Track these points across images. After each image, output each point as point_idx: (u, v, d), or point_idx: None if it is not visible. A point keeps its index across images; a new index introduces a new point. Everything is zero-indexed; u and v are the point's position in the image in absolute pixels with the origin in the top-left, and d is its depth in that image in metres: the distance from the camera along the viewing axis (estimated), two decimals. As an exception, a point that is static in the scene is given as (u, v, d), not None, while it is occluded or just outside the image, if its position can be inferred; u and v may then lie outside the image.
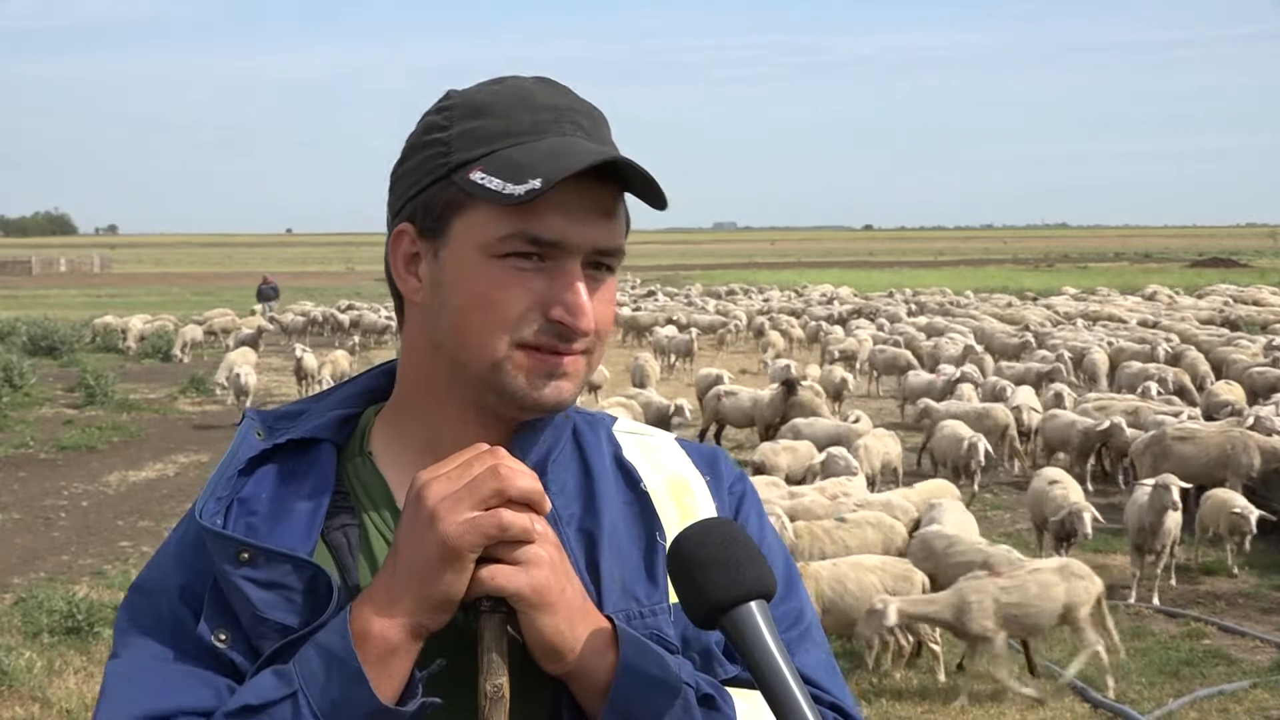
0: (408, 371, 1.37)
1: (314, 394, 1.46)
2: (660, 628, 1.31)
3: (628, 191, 1.30)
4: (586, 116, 1.32)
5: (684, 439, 1.50)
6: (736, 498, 1.44)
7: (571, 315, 1.25)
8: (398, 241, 1.33)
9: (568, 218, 1.25)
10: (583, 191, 1.24)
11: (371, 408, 1.41)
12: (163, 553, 1.34)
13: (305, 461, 1.32)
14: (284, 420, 1.37)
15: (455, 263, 1.27)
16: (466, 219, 1.26)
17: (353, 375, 1.48)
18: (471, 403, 1.31)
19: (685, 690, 1.23)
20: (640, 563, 1.34)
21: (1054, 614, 7.46)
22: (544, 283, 1.26)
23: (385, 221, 1.37)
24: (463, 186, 1.26)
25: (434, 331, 1.31)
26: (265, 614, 1.23)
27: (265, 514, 1.28)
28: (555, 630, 1.20)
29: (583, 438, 1.40)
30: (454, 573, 1.17)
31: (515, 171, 1.23)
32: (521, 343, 1.26)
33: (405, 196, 1.32)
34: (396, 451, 1.35)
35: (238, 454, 1.32)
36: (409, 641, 1.18)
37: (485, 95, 1.31)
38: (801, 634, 1.41)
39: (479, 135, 1.28)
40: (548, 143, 1.26)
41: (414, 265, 1.32)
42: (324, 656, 1.17)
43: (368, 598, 1.20)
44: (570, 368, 1.28)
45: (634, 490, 1.38)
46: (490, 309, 1.25)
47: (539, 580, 1.19)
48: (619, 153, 1.28)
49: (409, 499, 1.21)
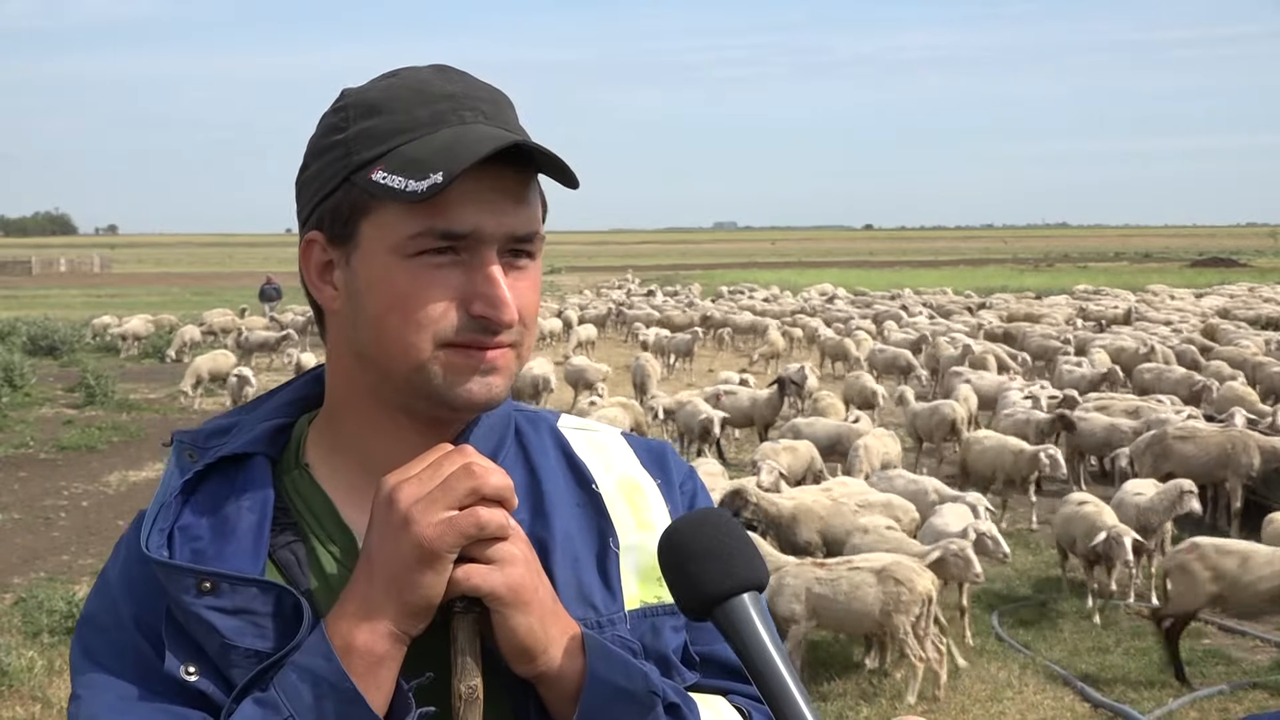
0: (336, 382, 1.33)
1: (244, 404, 1.41)
2: (620, 635, 1.29)
3: (540, 172, 1.26)
4: (487, 102, 1.27)
5: (629, 433, 1.47)
6: (689, 497, 1.42)
7: (493, 308, 1.21)
8: (308, 251, 1.29)
9: (478, 207, 1.21)
10: (490, 178, 1.20)
11: (305, 416, 1.36)
12: (106, 584, 1.28)
13: (241, 478, 1.28)
14: (215, 437, 1.32)
15: (368, 267, 1.23)
16: (374, 221, 1.23)
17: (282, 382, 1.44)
18: (402, 409, 1.27)
19: (652, 700, 1.22)
20: (595, 569, 1.31)
21: (865, 616, 7.31)
22: (461, 277, 1.22)
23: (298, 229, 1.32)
24: (365, 188, 1.22)
25: (355, 340, 1.27)
26: (234, 642, 1.18)
27: (210, 538, 1.23)
28: (529, 630, 1.18)
29: (525, 438, 1.37)
30: (434, 574, 1.15)
31: (415, 167, 1.19)
32: (445, 342, 1.22)
33: (311, 204, 1.28)
34: (333, 463, 1.31)
35: (171, 480, 1.28)
36: (394, 650, 1.16)
37: (379, 91, 1.27)
38: None
39: (376, 133, 1.24)
40: (445, 133, 1.22)
41: (328, 274, 1.28)
42: (310, 679, 1.13)
43: (343, 611, 1.17)
44: (498, 361, 1.24)
45: (585, 490, 1.35)
46: (408, 311, 1.21)
47: (514, 579, 1.17)
48: (520, 136, 1.24)
49: (378, 504, 1.18)
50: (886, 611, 7.17)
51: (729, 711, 1.34)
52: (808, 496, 9.34)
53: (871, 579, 7.24)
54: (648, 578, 1.33)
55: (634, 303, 35.87)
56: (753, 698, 1.36)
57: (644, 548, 1.33)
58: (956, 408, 14.13)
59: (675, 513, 1.37)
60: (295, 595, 1.20)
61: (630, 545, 1.33)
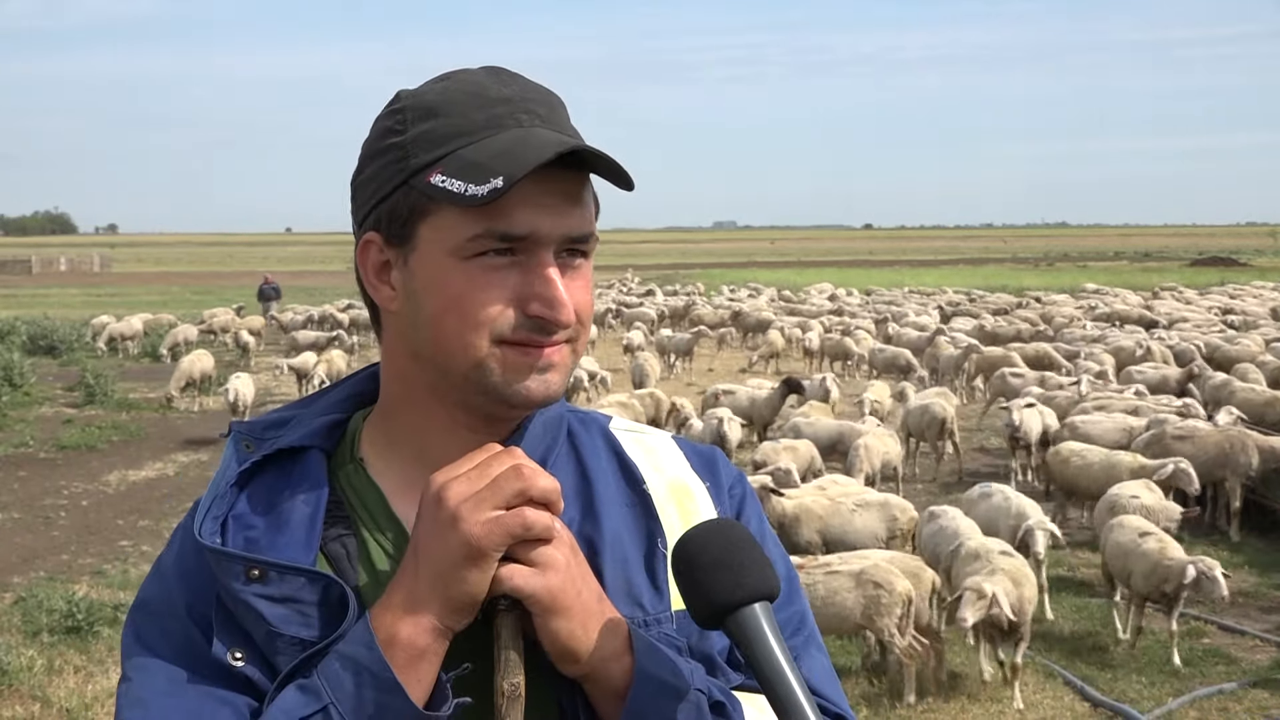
0: (392, 379, 1.35)
1: (300, 399, 1.44)
2: (666, 633, 1.30)
3: (593, 174, 1.27)
4: (542, 104, 1.29)
5: (680, 437, 1.49)
6: (737, 501, 1.43)
7: (550, 309, 1.23)
8: (366, 251, 1.31)
9: (535, 210, 1.22)
10: (547, 181, 1.22)
11: (360, 412, 1.39)
12: (161, 570, 1.31)
13: (297, 471, 1.30)
14: (271, 429, 1.34)
15: (426, 268, 1.25)
16: (432, 223, 1.24)
17: (344, 376, 1.47)
18: (459, 406, 1.29)
19: (699, 697, 1.23)
20: (643, 569, 1.33)
21: (845, 619, 7.15)
22: (518, 277, 1.24)
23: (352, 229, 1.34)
24: (424, 191, 1.23)
25: (413, 339, 1.29)
26: (280, 629, 1.21)
27: (263, 527, 1.26)
28: (569, 634, 1.19)
29: (577, 438, 1.39)
30: (479, 572, 1.16)
31: (475, 171, 1.20)
32: (501, 339, 1.24)
33: (368, 205, 1.30)
34: (387, 458, 1.34)
35: (228, 469, 1.30)
36: (436, 644, 1.18)
37: (436, 94, 1.28)
38: (805, 640, 1.41)
39: (434, 137, 1.25)
40: (504, 137, 1.23)
41: (385, 274, 1.30)
42: (352, 668, 1.16)
43: (388, 604, 1.19)
44: (555, 358, 1.26)
45: (635, 491, 1.36)
46: (466, 311, 1.23)
47: (554, 584, 1.19)
48: (577, 140, 1.26)
49: (426, 501, 1.20)
50: (868, 615, 7.08)
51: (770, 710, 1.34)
52: (805, 496, 9.34)
53: (850, 583, 7.12)
54: None
55: (643, 301, 35.85)
56: None
57: None
58: (946, 407, 14.08)
59: (723, 515, 1.39)
60: (342, 586, 1.22)
61: None
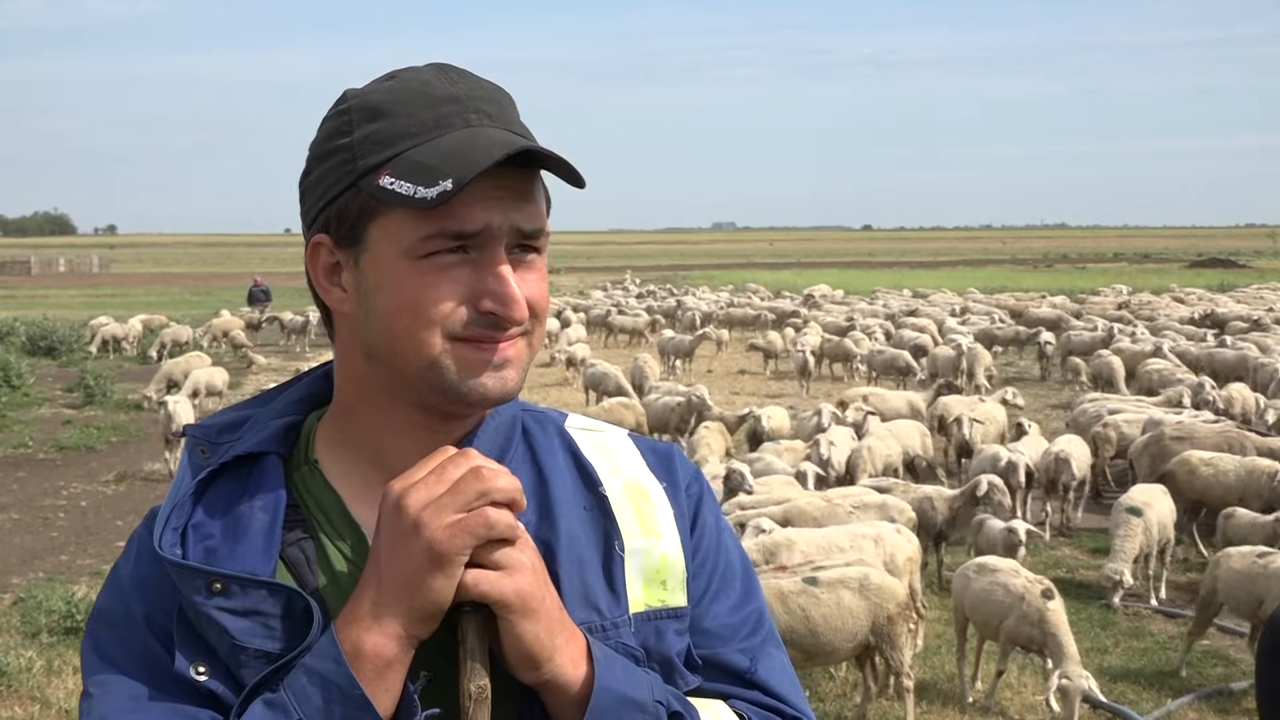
0: (346, 380, 1.33)
1: (254, 397, 1.41)
2: (623, 640, 1.29)
3: (544, 169, 1.27)
4: (490, 102, 1.28)
5: (636, 435, 1.47)
6: (694, 500, 1.42)
7: (503, 305, 1.23)
8: (315, 253, 1.29)
9: (487, 207, 1.22)
10: (498, 178, 1.21)
11: (314, 413, 1.37)
12: (118, 581, 1.29)
13: (254, 478, 1.28)
14: (227, 432, 1.32)
15: (378, 269, 1.24)
16: (383, 224, 1.23)
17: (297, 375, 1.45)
18: (415, 406, 1.28)
19: (658, 709, 1.23)
20: (600, 573, 1.31)
21: (854, 636, 6.75)
22: (471, 275, 1.23)
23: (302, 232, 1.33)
24: (373, 193, 1.22)
25: (366, 340, 1.28)
26: (244, 643, 1.19)
27: (222, 537, 1.24)
28: (535, 638, 1.19)
29: (533, 438, 1.37)
30: (444, 578, 1.16)
31: (424, 173, 1.19)
32: (454, 336, 1.23)
33: (317, 207, 1.28)
34: (343, 461, 1.32)
35: (185, 478, 1.29)
36: (402, 654, 1.17)
37: (382, 94, 1.27)
38: (764, 638, 1.41)
39: (381, 138, 1.24)
40: (452, 137, 1.23)
41: (335, 275, 1.29)
42: (319, 683, 1.15)
43: (353, 615, 1.18)
44: (510, 354, 1.26)
45: (592, 493, 1.35)
46: (419, 309, 1.22)
47: (522, 586, 1.18)
48: (527, 138, 1.26)
49: (385, 509, 1.19)
50: (878, 628, 6.78)
51: (728, 716, 1.34)
52: (801, 499, 9.33)
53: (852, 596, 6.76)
54: (651, 581, 1.33)
55: (638, 307, 35.70)
56: (753, 703, 1.36)
57: (649, 552, 1.34)
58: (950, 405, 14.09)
59: (681, 516, 1.38)
60: (305, 598, 1.21)
61: (635, 549, 1.33)
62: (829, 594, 6.76)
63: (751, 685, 1.37)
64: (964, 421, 12.97)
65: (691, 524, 1.39)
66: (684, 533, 1.37)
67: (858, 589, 6.78)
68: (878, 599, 6.76)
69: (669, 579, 1.34)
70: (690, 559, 1.37)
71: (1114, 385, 18.62)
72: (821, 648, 6.76)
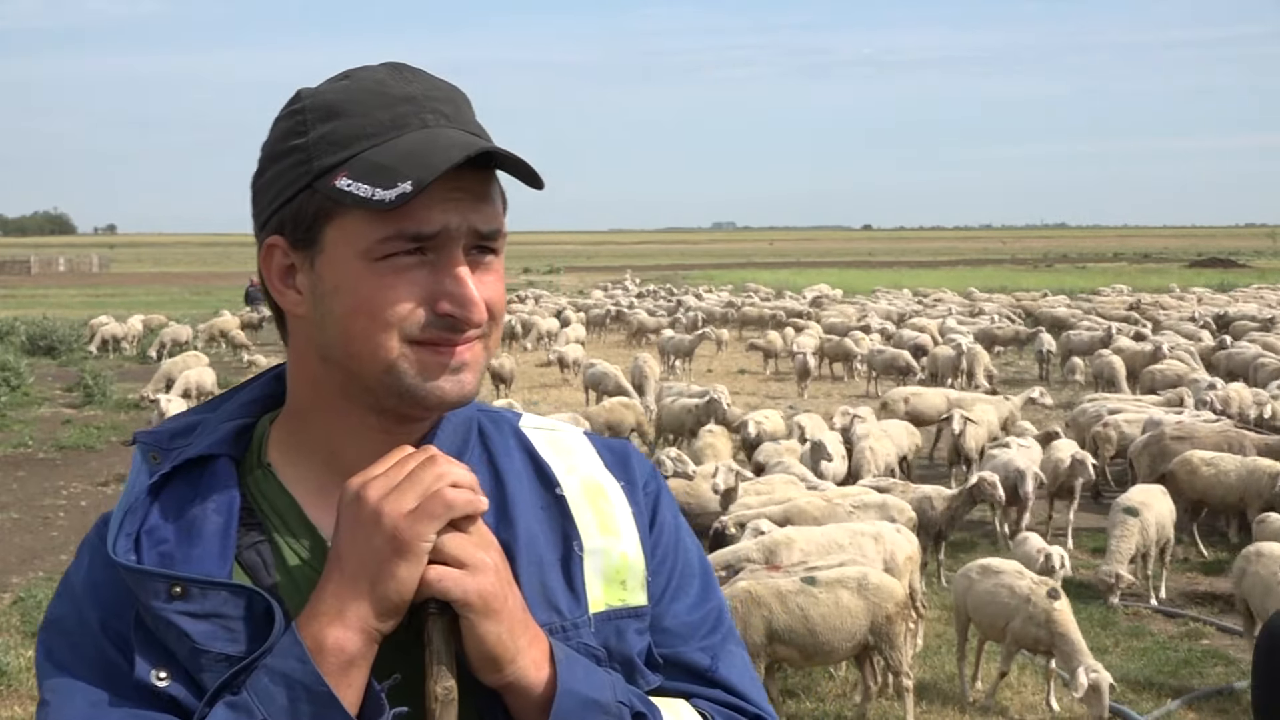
0: (301, 383, 1.32)
1: (205, 402, 1.40)
2: (584, 641, 1.29)
3: (501, 170, 1.26)
4: (447, 102, 1.27)
5: (591, 433, 1.47)
6: (652, 498, 1.41)
7: (461, 308, 1.22)
8: (269, 255, 1.28)
9: (445, 209, 1.21)
10: (455, 179, 1.20)
11: (266, 416, 1.36)
12: (70, 588, 1.27)
13: (206, 481, 1.27)
14: (178, 438, 1.31)
15: (334, 271, 1.23)
16: (339, 225, 1.22)
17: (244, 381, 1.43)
18: (370, 409, 1.27)
19: (621, 710, 1.23)
20: (560, 573, 1.31)
21: (853, 636, 6.72)
22: (428, 277, 1.22)
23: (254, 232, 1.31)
24: (329, 194, 1.21)
25: (322, 342, 1.26)
26: (205, 646, 1.18)
27: (176, 540, 1.23)
28: (498, 638, 1.18)
29: (489, 439, 1.37)
30: (408, 567, 1.15)
31: (383, 175, 1.18)
32: (412, 339, 1.22)
33: (271, 209, 1.27)
34: (297, 464, 1.31)
35: (137, 482, 1.27)
36: (366, 649, 1.16)
37: (337, 93, 1.26)
38: (724, 636, 1.41)
39: (337, 138, 1.23)
40: (410, 138, 1.22)
41: (290, 277, 1.27)
42: (283, 682, 1.13)
43: (314, 611, 1.17)
44: (467, 357, 1.24)
45: (549, 493, 1.34)
46: (376, 312, 1.21)
47: (485, 585, 1.18)
48: (484, 138, 1.25)
49: (345, 504, 1.18)
50: (877, 628, 6.77)
51: (690, 715, 1.34)
52: (801, 498, 9.33)
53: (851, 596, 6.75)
54: (611, 581, 1.33)
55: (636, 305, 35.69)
56: (715, 701, 1.37)
57: (608, 551, 1.33)
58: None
59: (639, 515, 1.38)
60: (266, 598, 1.19)
61: (594, 549, 1.33)
62: (827, 594, 6.76)
63: (713, 684, 1.37)
64: (955, 420, 12.87)
65: (650, 522, 1.39)
66: (643, 531, 1.37)
67: (856, 588, 6.78)
68: (876, 598, 6.75)
69: (629, 578, 1.34)
70: (649, 557, 1.36)
71: (1115, 385, 18.60)
72: (820, 647, 6.76)
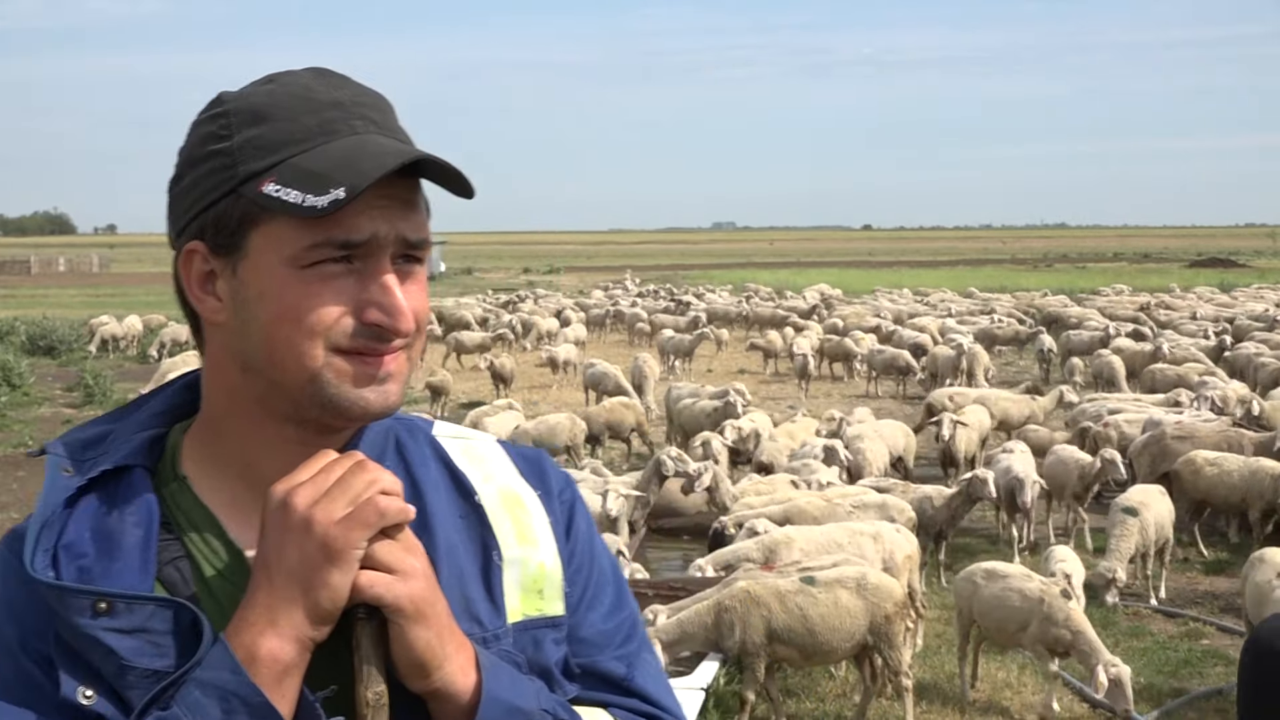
0: (216, 393, 1.29)
1: (113, 411, 1.36)
2: (505, 649, 1.29)
3: (426, 179, 1.25)
4: (374, 108, 1.26)
5: (506, 441, 1.46)
6: (567, 506, 1.41)
7: (389, 317, 1.21)
8: (188, 261, 1.25)
9: (373, 216, 1.19)
10: (384, 187, 1.19)
11: (178, 426, 1.33)
12: None
13: (122, 493, 1.24)
14: (90, 448, 1.27)
15: (258, 277, 1.21)
16: (265, 232, 1.20)
17: (157, 387, 1.39)
18: (290, 420, 1.25)
19: (544, 717, 1.24)
20: (480, 583, 1.30)
21: (852, 635, 6.73)
22: (355, 285, 1.20)
23: (168, 239, 1.29)
24: (255, 200, 1.19)
25: (243, 351, 1.24)
26: (132, 662, 1.15)
27: (95, 555, 1.20)
28: (427, 644, 1.18)
29: (406, 449, 1.35)
30: (341, 574, 1.14)
31: (313, 181, 1.17)
32: (337, 348, 1.20)
33: (190, 214, 1.24)
34: (212, 476, 1.28)
35: (51, 497, 1.23)
36: (299, 657, 1.15)
37: (262, 97, 1.24)
38: (639, 645, 1.41)
39: (263, 143, 1.21)
40: (340, 144, 1.20)
41: (210, 284, 1.25)
42: (216, 694, 1.11)
43: (244, 622, 1.15)
44: (392, 367, 1.23)
45: (467, 502, 1.34)
46: (301, 319, 1.19)
47: (416, 591, 1.17)
48: (412, 146, 1.24)
49: (271, 512, 1.17)
50: (876, 628, 6.75)
51: None
52: (801, 498, 9.33)
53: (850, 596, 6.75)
54: (529, 591, 1.33)
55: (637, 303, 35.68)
56: (632, 710, 1.37)
57: (526, 561, 1.33)
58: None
59: (555, 524, 1.38)
60: (194, 611, 1.18)
61: (513, 559, 1.32)
62: (826, 593, 6.76)
63: (630, 693, 1.37)
64: (945, 423, 12.80)
65: (566, 531, 1.39)
66: (559, 540, 1.37)
67: (855, 588, 6.78)
68: (875, 598, 6.76)
69: (546, 588, 1.34)
70: (566, 566, 1.36)
71: (1115, 385, 18.61)
72: (819, 647, 6.77)
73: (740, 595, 6.71)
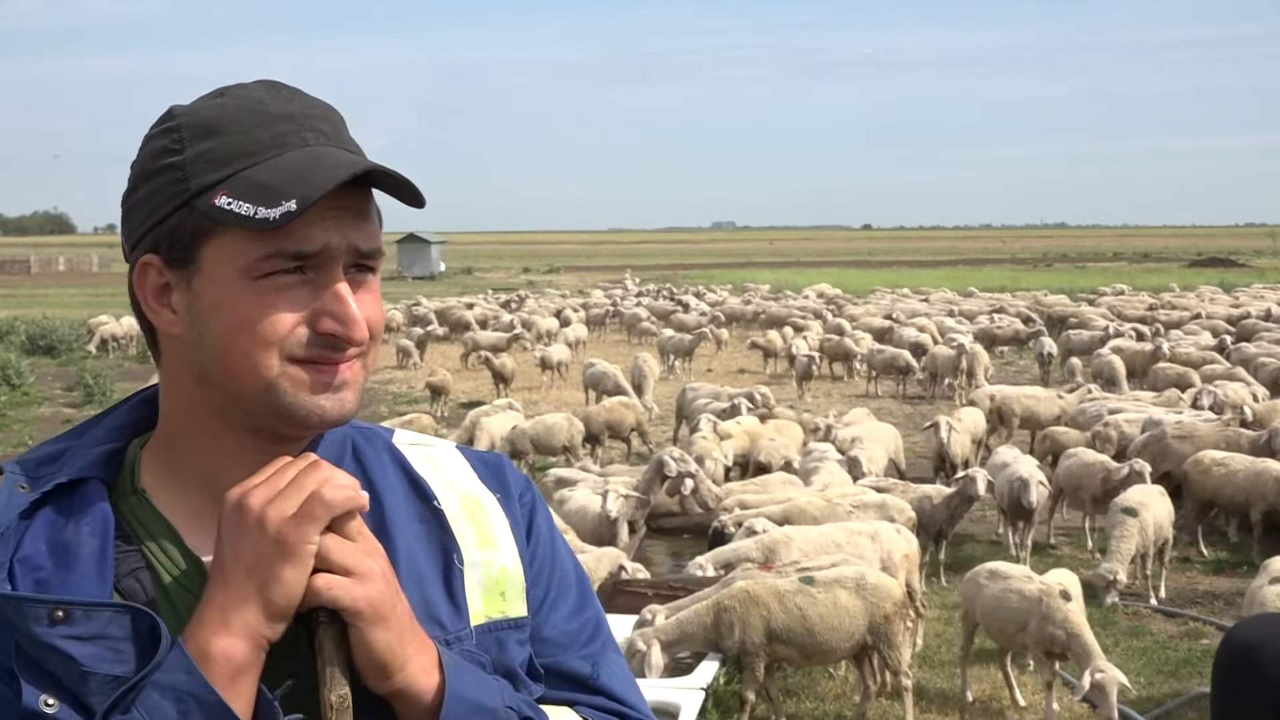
0: (174, 404, 1.30)
1: (71, 429, 1.37)
2: (470, 652, 1.29)
3: (378, 189, 1.26)
4: (325, 121, 1.27)
5: (465, 447, 1.47)
6: (528, 510, 1.43)
7: (343, 325, 1.22)
8: (143, 274, 1.26)
9: (325, 227, 1.21)
10: (337, 198, 1.20)
11: (137, 440, 1.33)
12: None
13: (78, 505, 1.25)
14: (46, 465, 1.28)
15: (212, 290, 1.22)
16: (218, 244, 1.21)
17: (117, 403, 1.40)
18: (247, 430, 1.26)
19: (509, 715, 1.24)
20: (441, 587, 1.31)
21: (852, 635, 6.73)
22: (309, 295, 1.22)
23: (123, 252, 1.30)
24: (207, 213, 1.20)
25: (199, 362, 1.25)
26: (93, 669, 1.15)
27: (53, 567, 1.20)
28: (388, 646, 1.18)
29: (363, 456, 1.36)
30: (294, 570, 1.15)
31: (265, 194, 1.18)
32: (292, 358, 1.22)
33: (144, 227, 1.25)
34: (171, 488, 1.29)
35: (5, 513, 1.23)
36: (253, 656, 1.15)
37: (213, 111, 1.25)
38: (603, 645, 1.42)
39: (215, 156, 1.22)
40: (292, 157, 1.22)
41: (165, 296, 1.26)
42: (173, 696, 1.12)
43: (199, 622, 1.16)
44: (348, 375, 1.25)
45: (427, 507, 1.35)
46: (256, 330, 1.20)
47: (374, 593, 1.18)
48: (363, 157, 1.26)
49: (226, 514, 1.18)
50: (876, 628, 6.75)
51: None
52: (801, 498, 9.33)
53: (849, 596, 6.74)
54: (491, 593, 1.34)
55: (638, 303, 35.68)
56: (598, 708, 1.38)
57: (487, 564, 1.34)
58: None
59: (516, 526, 1.39)
60: (151, 616, 1.18)
61: (474, 562, 1.34)
62: (826, 593, 6.76)
63: (595, 691, 1.39)
64: (941, 426, 12.75)
65: (527, 533, 1.40)
66: (520, 542, 1.38)
67: (854, 588, 6.78)
68: (874, 598, 6.76)
69: (508, 589, 1.35)
70: (528, 568, 1.38)
71: (1115, 385, 18.61)
72: (819, 647, 6.77)
73: (739, 595, 6.71)
